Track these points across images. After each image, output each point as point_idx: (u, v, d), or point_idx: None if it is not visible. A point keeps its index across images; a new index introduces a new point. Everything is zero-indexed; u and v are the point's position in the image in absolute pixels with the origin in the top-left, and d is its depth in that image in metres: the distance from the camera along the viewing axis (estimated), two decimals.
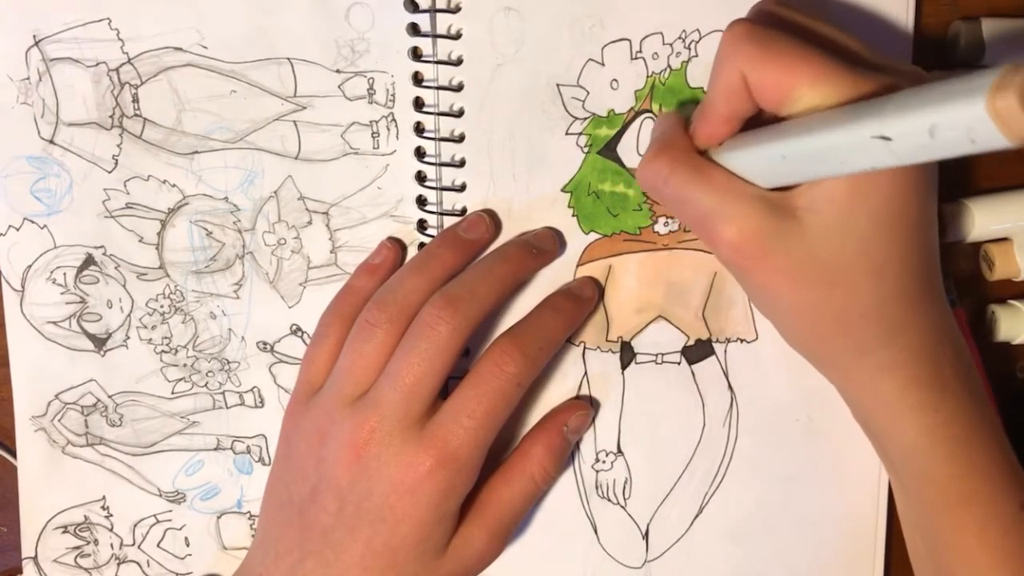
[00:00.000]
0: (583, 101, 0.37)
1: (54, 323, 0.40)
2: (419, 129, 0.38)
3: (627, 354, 0.39)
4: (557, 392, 0.40)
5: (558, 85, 0.37)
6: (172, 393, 0.41)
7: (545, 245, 0.38)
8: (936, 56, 0.38)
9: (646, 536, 0.41)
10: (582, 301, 0.38)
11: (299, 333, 0.40)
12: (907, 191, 0.30)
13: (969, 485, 0.32)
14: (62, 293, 0.40)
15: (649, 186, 0.33)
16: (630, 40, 0.37)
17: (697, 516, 0.40)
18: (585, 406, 0.39)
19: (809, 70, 0.28)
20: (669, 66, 0.37)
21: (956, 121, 0.21)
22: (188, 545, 0.42)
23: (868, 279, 0.30)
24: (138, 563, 0.42)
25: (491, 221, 0.38)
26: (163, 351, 0.40)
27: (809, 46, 0.29)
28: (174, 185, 0.39)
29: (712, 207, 0.31)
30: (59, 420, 0.41)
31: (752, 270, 0.31)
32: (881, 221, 0.30)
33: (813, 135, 0.27)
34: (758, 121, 0.31)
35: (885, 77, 0.28)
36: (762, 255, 0.31)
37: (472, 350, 0.38)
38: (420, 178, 0.38)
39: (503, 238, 0.38)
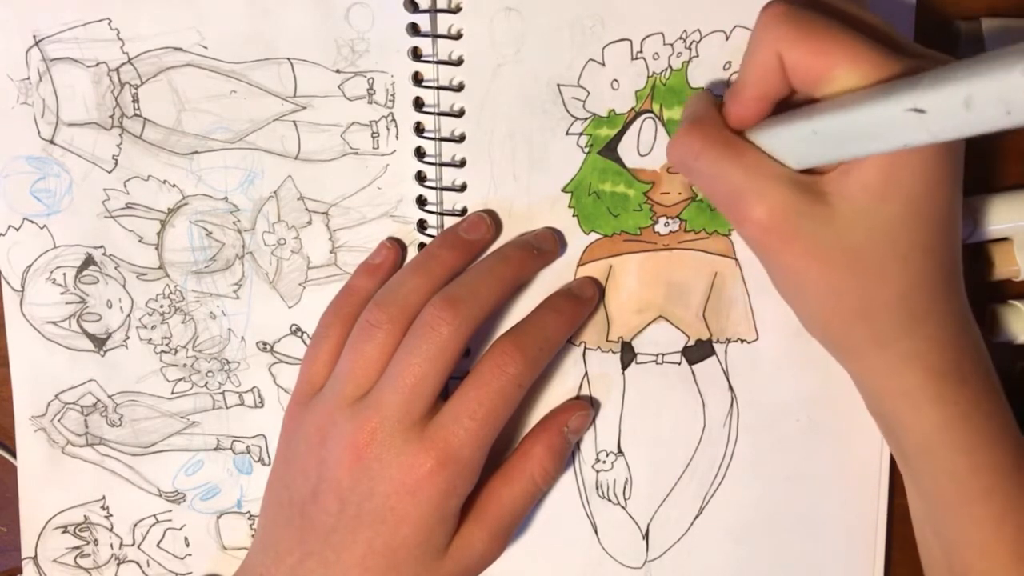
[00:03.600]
0: (584, 101, 0.37)
1: (54, 323, 0.40)
2: (419, 129, 0.38)
3: (627, 354, 0.39)
4: (557, 392, 0.39)
5: (559, 85, 0.37)
6: (172, 393, 0.41)
7: (546, 245, 0.38)
8: None
9: (646, 536, 0.41)
10: (582, 301, 0.38)
11: (299, 333, 0.40)
12: (938, 182, 0.30)
13: (987, 479, 0.32)
14: (62, 293, 0.40)
15: (680, 161, 0.33)
16: (631, 40, 0.37)
17: (697, 516, 0.40)
18: (585, 406, 0.39)
19: (845, 51, 0.28)
20: (670, 66, 0.37)
21: (992, 92, 0.21)
22: (188, 545, 0.42)
23: (894, 267, 0.30)
24: (138, 563, 0.42)
25: (491, 221, 0.38)
26: (163, 351, 0.40)
27: (845, 27, 0.29)
28: (174, 185, 0.39)
29: (742, 184, 0.31)
30: (59, 420, 0.41)
31: (778, 251, 0.31)
32: (911, 211, 0.30)
33: (847, 110, 0.26)
34: (787, 105, 0.31)
35: (919, 61, 0.28)
36: (790, 236, 0.30)
37: (473, 350, 0.38)
38: (420, 178, 0.38)
39: (504, 238, 0.38)
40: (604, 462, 0.40)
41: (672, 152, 0.34)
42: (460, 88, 0.37)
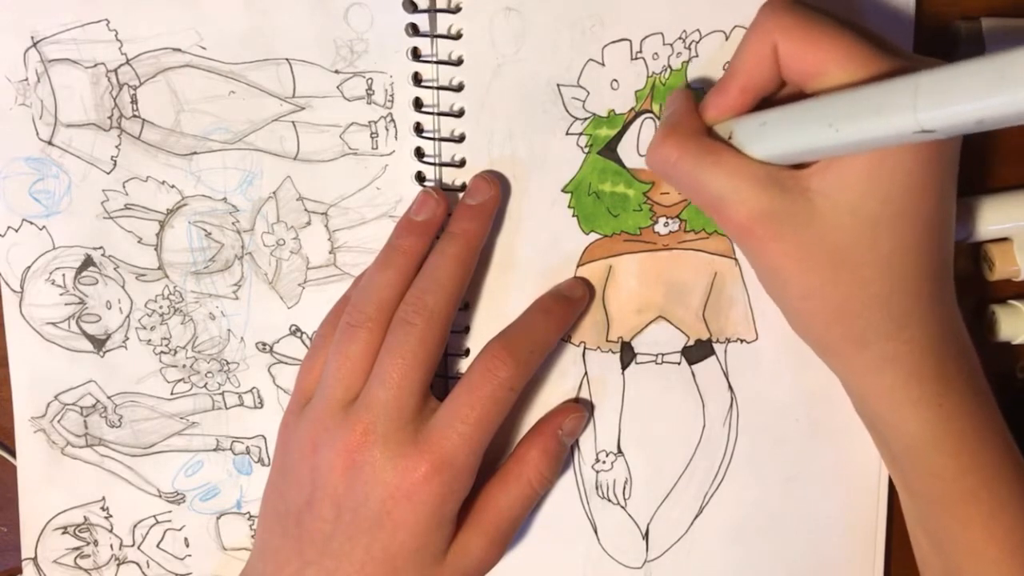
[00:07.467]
0: (583, 101, 0.37)
1: (53, 324, 0.40)
2: (418, 129, 0.38)
3: (627, 354, 0.39)
4: (557, 393, 0.39)
5: (558, 85, 0.37)
6: (171, 394, 0.41)
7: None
8: (936, 56, 0.38)
9: (646, 536, 0.41)
10: (572, 302, 0.38)
11: (298, 334, 0.40)
12: (924, 186, 0.29)
13: (974, 480, 0.32)
14: (61, 294, 0.40)
15: (658, 170, 0.33)
16: (630, 40, 0.37)
17: (697, 516, 0.40)
18: (579, 408, 0.39)
19: (840, 48, 0.29)
20: (669, 66, 0.37)
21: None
22: (188, 546, 0.42)
23: (874, 269, 0.30)
24: (138, 564, 0.42)
25: (440, 197, 0.37)
26: (162, 352, 0.40)
27: (844, 26, 0.29)
28: (173, 186, 0.39)
29: (722, 190, 0.31)
30: (58, 421, 0.41)
31: (761, 252, 0.31)
32: (893, 212, 0.29)
33: (853, 110, 0.27)
34: (766, 106, 0.31)
35: (912, 63, 0.28)
36: (771, 237, 0.30)
37: (473, 351, 0.38)
38: (420, 178, 0.38)
39: (503, 239, 0.38)
40: (604, 462, 0.40)
41: (649, 161, 0.34)
42: (460, 88, 0.37)
